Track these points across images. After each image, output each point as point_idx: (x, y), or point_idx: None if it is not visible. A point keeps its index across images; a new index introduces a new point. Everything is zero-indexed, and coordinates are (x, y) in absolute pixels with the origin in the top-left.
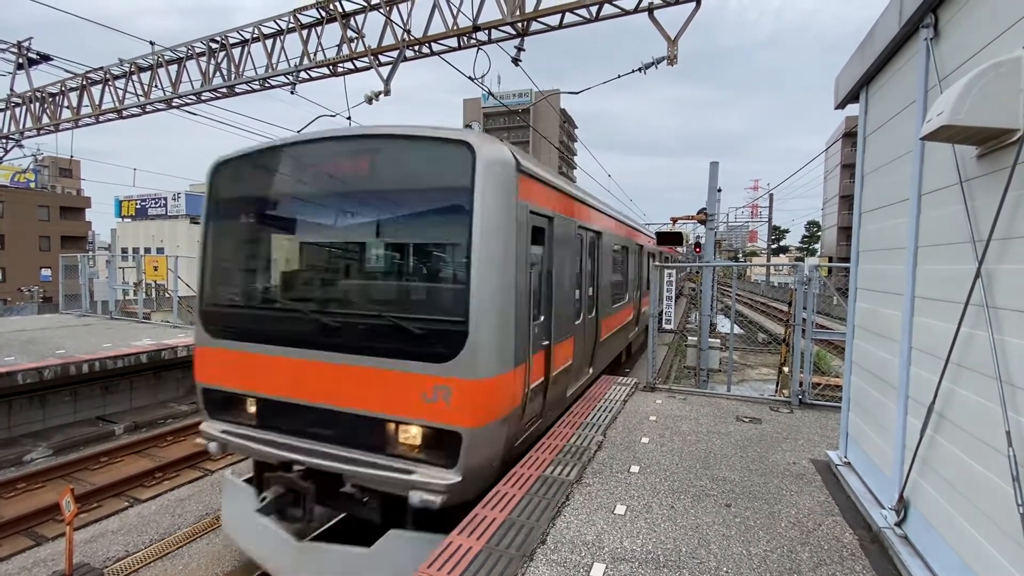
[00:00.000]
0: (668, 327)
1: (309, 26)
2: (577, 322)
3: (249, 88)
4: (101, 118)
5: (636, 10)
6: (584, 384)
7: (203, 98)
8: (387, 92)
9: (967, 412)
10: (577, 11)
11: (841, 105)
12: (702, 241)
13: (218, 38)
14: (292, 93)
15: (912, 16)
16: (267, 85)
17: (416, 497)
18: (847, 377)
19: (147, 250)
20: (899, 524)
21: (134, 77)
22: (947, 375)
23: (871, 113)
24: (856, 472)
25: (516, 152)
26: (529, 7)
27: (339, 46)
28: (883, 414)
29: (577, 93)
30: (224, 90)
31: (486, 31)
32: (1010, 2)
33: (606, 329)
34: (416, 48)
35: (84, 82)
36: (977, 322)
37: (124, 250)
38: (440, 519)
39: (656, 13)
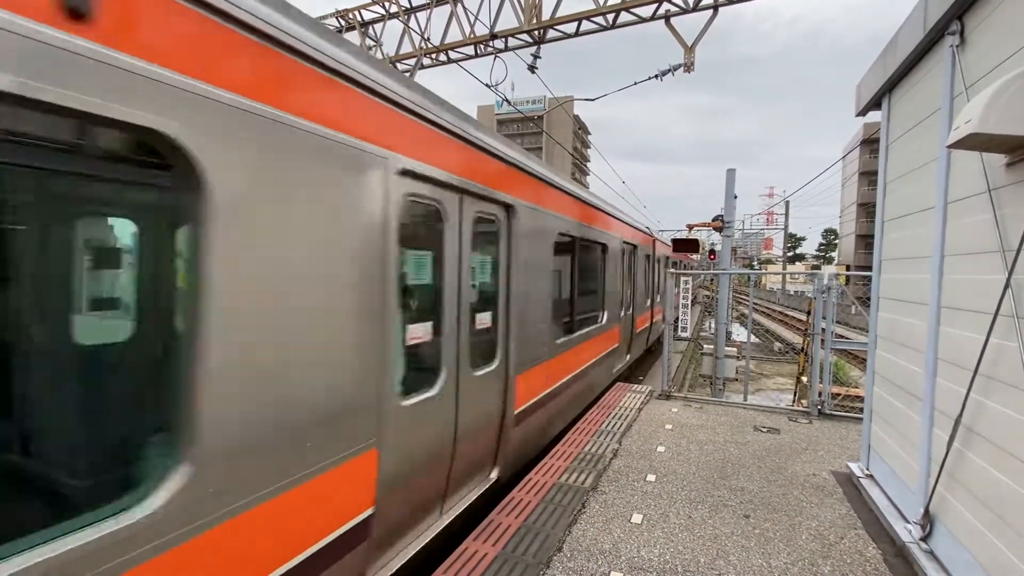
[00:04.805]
0: (684, 335)
1: None
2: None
3: None
4: None
5: (653, 17)
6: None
7: None
8: None
9: (997, 425)
10: (594, 19)
11: (862, 112)
12: (717, 248)
13: None
14: None
15: (937, 23)
16: None
17: None
18: (869, 388)
19: None
20: (924, 539)
21: None
22: (975, 387)
23: (894, 121)
24: (879, 485)
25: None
26: (546, 15)
27: None
28: (907, 426)
29: (593, 100)
30: None
31: (503, 39)
32: None
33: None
34: (434, 56)
35: None
36: (1007, 333)
37: None
38: None
39: (673, 21)
